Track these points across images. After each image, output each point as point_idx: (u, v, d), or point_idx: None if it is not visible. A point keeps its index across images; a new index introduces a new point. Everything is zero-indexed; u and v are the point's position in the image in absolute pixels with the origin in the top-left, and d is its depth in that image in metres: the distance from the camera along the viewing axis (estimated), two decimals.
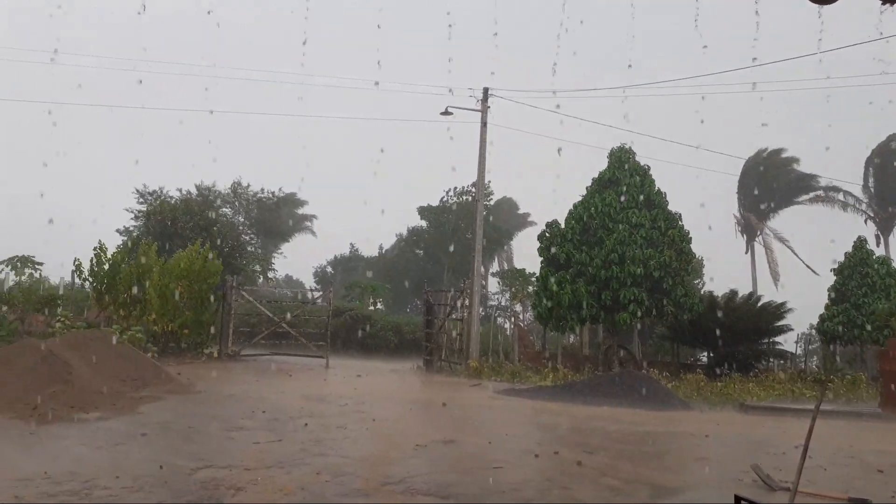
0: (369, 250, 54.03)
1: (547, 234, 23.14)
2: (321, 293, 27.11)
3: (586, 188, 23.54)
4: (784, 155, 43.37)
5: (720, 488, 7.11)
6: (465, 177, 46.53)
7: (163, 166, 70.08)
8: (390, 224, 59.33)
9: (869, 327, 23.01)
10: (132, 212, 33.43)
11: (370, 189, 75.95)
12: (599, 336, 26.84)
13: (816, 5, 2.16)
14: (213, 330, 21.61)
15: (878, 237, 39.52)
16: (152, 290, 20.20)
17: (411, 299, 46.12)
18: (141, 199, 33.69)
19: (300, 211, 49.87)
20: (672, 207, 23.06)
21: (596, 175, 23.65)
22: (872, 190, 40.72)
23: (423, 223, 47.48)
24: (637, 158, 23.56)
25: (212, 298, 21.59)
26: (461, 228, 42.16)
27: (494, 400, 15.22)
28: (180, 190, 35.41)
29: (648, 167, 23.40)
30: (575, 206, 23.18)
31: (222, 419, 10.00)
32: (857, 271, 24.44)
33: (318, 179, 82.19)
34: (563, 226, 23.02)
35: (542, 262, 23.13)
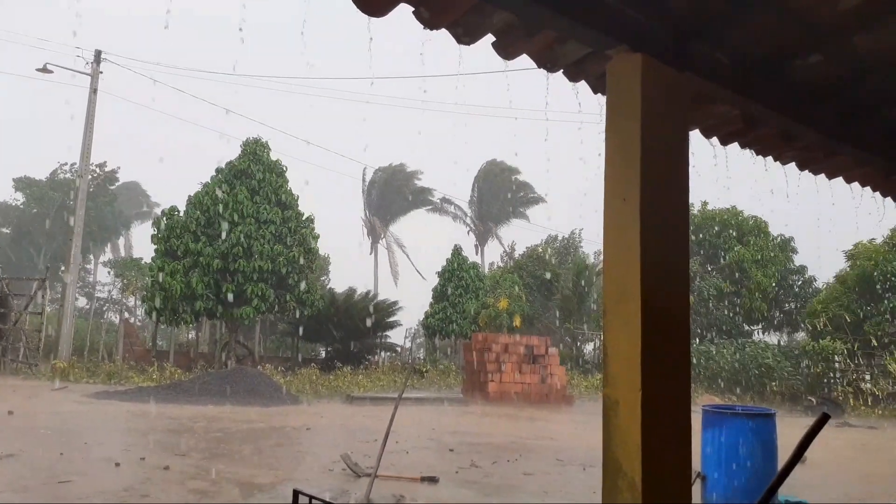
0: None
1: (164, 222, 21.39)
2: None
3: (211, 177, 22.42)
4: (407, 168, 47.69)
5: (311, 481, 7.14)
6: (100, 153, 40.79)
7: None
8: None
9: (461, 323, 26.41)
10: None
11: None
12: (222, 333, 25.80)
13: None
14: None
15: (476, 247, 46.01)
16: None
17: None
18: None
19: None
20: (309, 206, 23.37)
21: (224, 165, 22.67)
22: (475, 206, 47.16)
23: (20, 198, 40.17)
24: (273, 155, 23.23)
25: None
26: (69, 208, 36.61)
27: (81, 405, 13.44)
28: None
29: (286, 167, 23.28)
30: (198, 194, 21.86)
31: None
32: (455, 275, 27.88)
33: None
34: (182, 215, 21.57)
35: (156, 252, 21.34)
